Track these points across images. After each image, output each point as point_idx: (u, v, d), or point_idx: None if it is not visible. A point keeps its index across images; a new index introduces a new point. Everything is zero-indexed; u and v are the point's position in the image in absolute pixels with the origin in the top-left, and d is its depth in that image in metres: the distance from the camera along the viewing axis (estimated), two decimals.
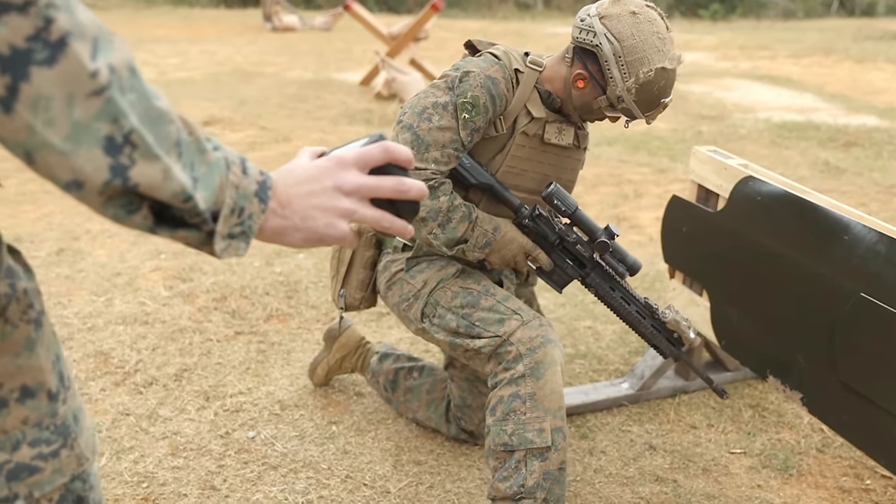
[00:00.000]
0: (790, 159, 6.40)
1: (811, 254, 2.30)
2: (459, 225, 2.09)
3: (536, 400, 2.05)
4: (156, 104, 0.77)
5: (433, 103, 2.08)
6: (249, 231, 0.87)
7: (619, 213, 5.03)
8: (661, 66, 2.04)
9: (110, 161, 0.74)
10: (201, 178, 0.81)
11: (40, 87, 0.69)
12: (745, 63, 12.34)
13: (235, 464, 2.47)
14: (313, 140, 6.44)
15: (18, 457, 0.88)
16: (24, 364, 0.88)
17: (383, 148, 0.95)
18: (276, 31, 14.47)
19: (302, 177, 0.93)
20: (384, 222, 0.96)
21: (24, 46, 0.68)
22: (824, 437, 2.73)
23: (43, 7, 0.69)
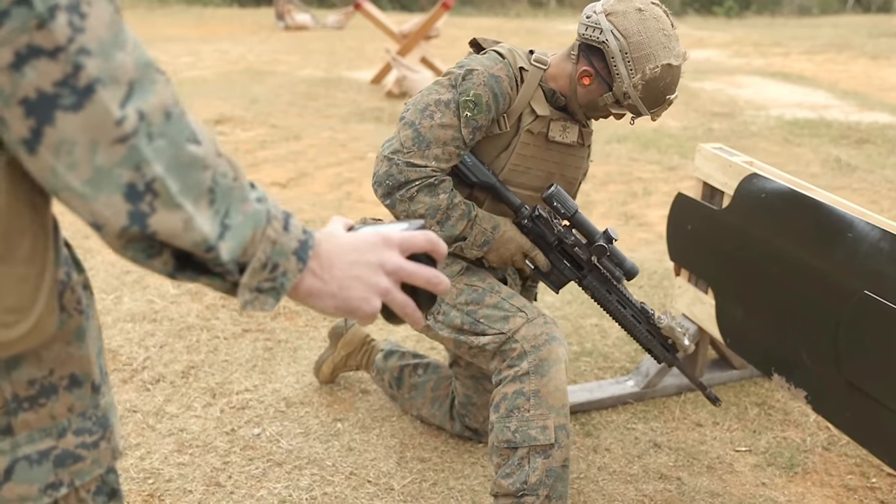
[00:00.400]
0: (801, 156, 6.36)
1: (815, 251, 2.29)
2: (458, 223, 2.10)
3: (540, 397, 2.06)
4: (189, 150, 0.77)
5: (436, 101, 2.08)
6: (281, 288, 0.86)
7: (628, 210, 5.02)
8: (666, 62, 2.05)
9: (130, 208, 0.74)
10: (234, 226, 0.80)
11: (64, 132, 0.71)
12: (758, 60, 12.28)
13: (240, 460, 2.48)
14: (323, 138, 6.45)
15: (64, 444, 0.89)
16: (75, 353, 0.90)
17: (427, 238, 0.96)
18: (288, 30, 14.49)
19: (348, 245, 0.92)
20: (407, 309, 0.95)
21: (52, 91, 0.70)
22: (830, 436, 2.72)
23: (73, 53, 0.69)
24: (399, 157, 2.06)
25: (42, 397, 0.87)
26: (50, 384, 0.88)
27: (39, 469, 0.87)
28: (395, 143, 2.08)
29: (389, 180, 2.06)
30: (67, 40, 0.69)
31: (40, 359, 0.87)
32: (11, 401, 0.85)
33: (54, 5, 0.68)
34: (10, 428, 0.85)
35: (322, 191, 5.21)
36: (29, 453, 0.87)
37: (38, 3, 0.68)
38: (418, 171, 2.05)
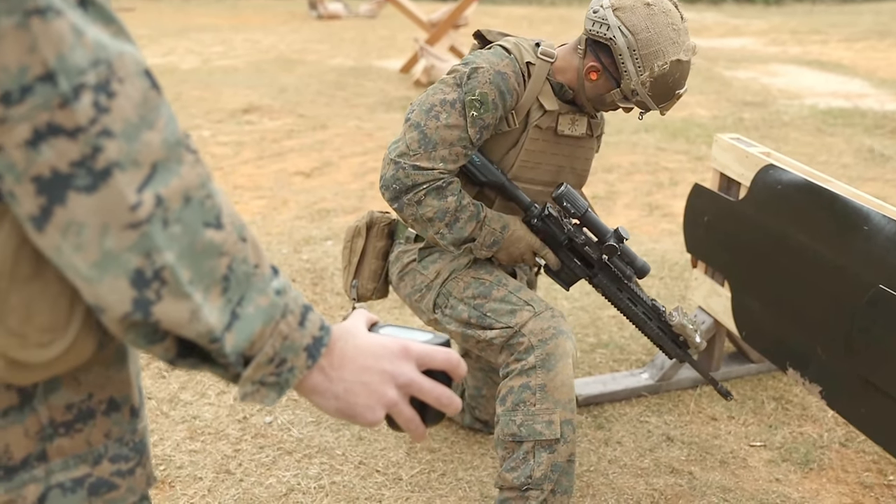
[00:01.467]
0: (834, 146, 6.25)
1: (830, 244, 2.24)
2: (467, 224, 2.07)
3: (546, 391, 2.04)
4: (205, 237, 0.74)
5: (441, 101, 2.04)
6: (285, 384, 0.83)
7: (653, 200, 4.97)
8: (675, 58, 2.01)
9: (135, 294, 0.71)
10: (244, 317, 0.77)
11: (75, 213, 0.68)
12: (794, 48, 12.07)
13: (251, 448, 2.50)
14: (349, 128, 6.46)
15: (99, 471, 0.87)
16: (115, 376, 0.88)
17: (447, 358, 0.91)
18: (321, 19, 14.53)
19: (365, 349, 0.88)
20: (412, 425, 0.91)
21: (67, 171, 0.67)
22: (848, 432, 2.68)
23: (94, 135, 0.67)
24: (405, 160, 2.02)
25: (79, 423, 0.85)
26: (88, 409, 0.85)
27: (73, 497, 0.85)
28: (402, 146, 2.04)
29: (396, 184, 2.03)
30: (90, 121, 0.67)
31: (79, 382, 0.84)
32: (48, 426, 0.83)
33: (80, 85, 0.66)
34: (44, 454, 0.83)
35: (346, 180, 5.22)
36: (63, 481, 0.84)
37: (62, 81, 0.66)
38: (425, 174, 2.01)
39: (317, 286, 3.59)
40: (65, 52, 0.66)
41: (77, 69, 0.66)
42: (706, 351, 2.91)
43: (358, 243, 2.36)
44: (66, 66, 0.66)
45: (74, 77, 0.66)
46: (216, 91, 7.58)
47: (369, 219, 2.35)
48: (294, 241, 4.06)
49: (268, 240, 4.10)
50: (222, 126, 6.42)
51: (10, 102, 0.65)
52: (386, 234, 2.36)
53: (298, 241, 4.07)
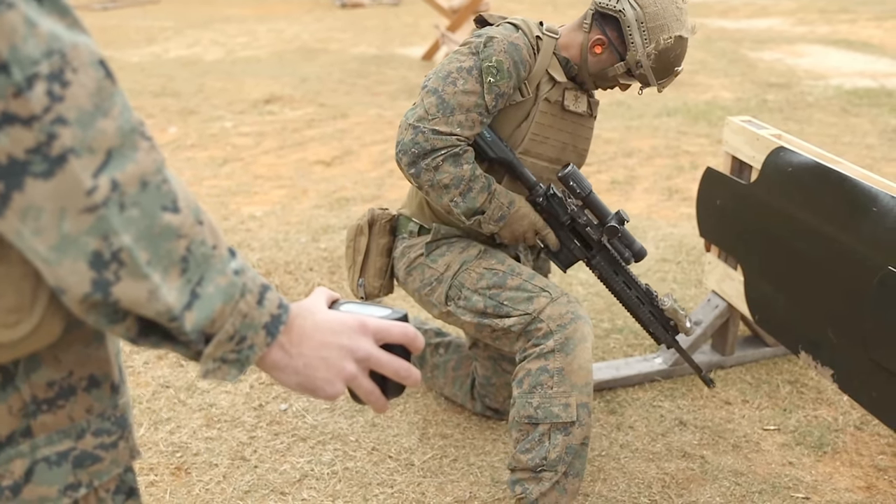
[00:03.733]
0: (858, 127, 6.16)
1: (840, 226, 2.23)
2: (479, 195, 2.10)
3: (564, 375, 2.06)
4: (163, 220, 0.76)
5: (458, 68, 2.10)
6: (245, 360, 0.85)
7: (673, 185, 4.94)
8: (679, 34, 2.11)
9: (94, 275, 0.74)
10: (204, 297, 0.80)
11: (33, 198, 0.70)
12: (823, 27, 11.88)
13: (266, 435, 2.54)
14: (370, 116, 6.48)
15: (83, 445, 0.90)
16: (94, 354, 0.91)
17: (404, 332, 0.95)
18: (344, 8, 14.52)
19: (323, 325, 0.92)
20: (371, 397, 0.94)
21: (23, 158, 0.69)
22: (863, 415, 2.66)
23: (48, 122, 0.70)
24: (424, 124, 2.05)
25: (61, 399, 0.88)
26: (69, 385, 0.88)
27: (59, 470, 0.88)
28: (420, 111, 2.07)
29: (415, 148, 2.05)
30: (44, 109, 0.69)
31: (59, 360, 0.87)
32: (30, 403, 0.86)
33: (33, 74, 0.68)
34: (29, 430, 0.86)
35: (365, 168, 5.24)
36: (48, 455, 0.87)
37: (16, 71, 0.68)
38: (444, 138, 2.05)
39: (334, 275, 3.62)
40: (17, 43, 0.68)
41: (30, 59, 0.69)
42: (720, 335, 2.91)
43: (361, 242, 2.38)
44: (19, 56, 0.68)
45: (28, 67, 0.68)
46: (239, 82, 7.63)
47: (370, 216, 2.37)
48: (312, 230, 4.09)
49: (286, 229, 4.13)
50: (244, 117, 6.46)
51: None
52: (388, 230, 2.37)
53: (317, 230, 4.10)
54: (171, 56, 9.25)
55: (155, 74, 8.04)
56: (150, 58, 9.12)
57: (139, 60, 8.91)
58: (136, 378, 2.82)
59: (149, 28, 11.48)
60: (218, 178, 5.05)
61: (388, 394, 0.97)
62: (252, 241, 3.94)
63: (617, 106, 6.72)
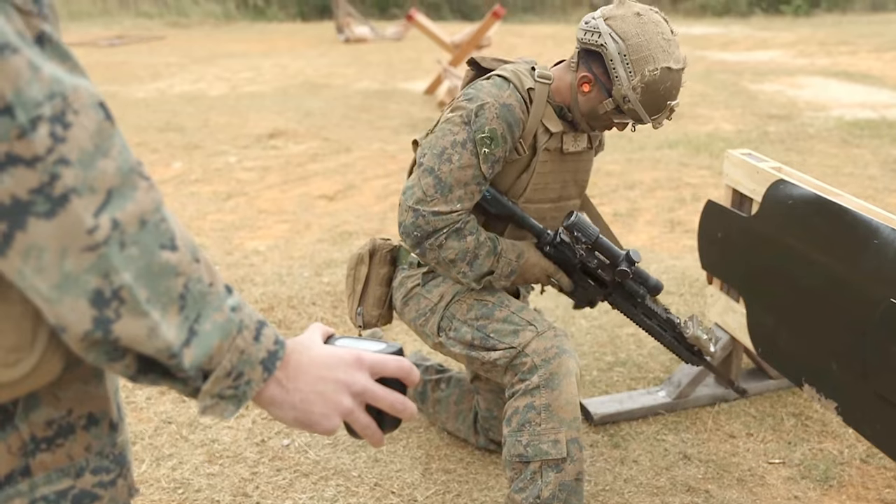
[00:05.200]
0: (860, 158, 6.18)
1: (841, 258, 2.23)
2: (486, 260, 2.11)
3: (551, 411, 2.05)
4: (161, 258, 0.77)
5: (451, 142, 2.05)
6: (243, 396, 0.86)
7: (675, 217, 4.95)
8: (666, 65, 2.02)
9: (95, 313, 0.74)
10: (201, 333, 0.81)
11: (35, 238, 0.71)
12: (823, 59, 11.97)
13: (269, 471, 2.52)
14: (373, 150, 6.52)
15: (81, 483, 0.90)
16: (93, 392, 0.91)
17: (399, 366, 0.96)
18: (348, 43, 14.67)
19: (319, 360, 0.93)
20: (368, 431, 0.95)
21: (26, 198, 0.70)
22: (869, 448, 2.64)
23: (51, 163, 0.71)
24: (423, 206, 2.04)
25: (60, 437, 0.88)
26: (68, 424, 0.89)
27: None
28: (418, 192, 2.05)
29: (417, 231, 2.06)
30: (47, 151, 0.70)
31: (58, 399, 0.87)
32: (30, 442, 0.86)
33: (37, 116, 0.70)
34: (28, 469, 0.86)
35: (368, 202, 5.27)
36: (47, 494, 0.87)
37: (20, 114, 0.69)
38: (444, 218, 2.04)
39: (336, 309, 3.62)
40: (21, 86, 0.69)
41: (34, 102, 0.70)
42: (724, 367, 2.89)
43: (361, 271, 2.39)
44: (23, 99, 0.69)
45: (31, 110, 0.70)
46: (243, 116, 7.69)
47: (372, 246, 2.38)
48: (315, 265, 4.10)
49: (290, 263, 4.14)
50: (248, 151, 6.50)
51: None
52: (388, 260, 2.38)
53: (320, 264, 4.11)
54: (176, 91, 9.33)
55: (160, 110, 8.11)
56: (155, 93, 9.20)
57: (144, 96, 8.99)
58: (139, 414, 2.81)
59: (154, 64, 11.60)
60: (222, 212, 5.07)
61: (385, 428, 0.97)
62: (255, 276, 3.95)
63: (618, 138, 6.75)
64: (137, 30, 16.98)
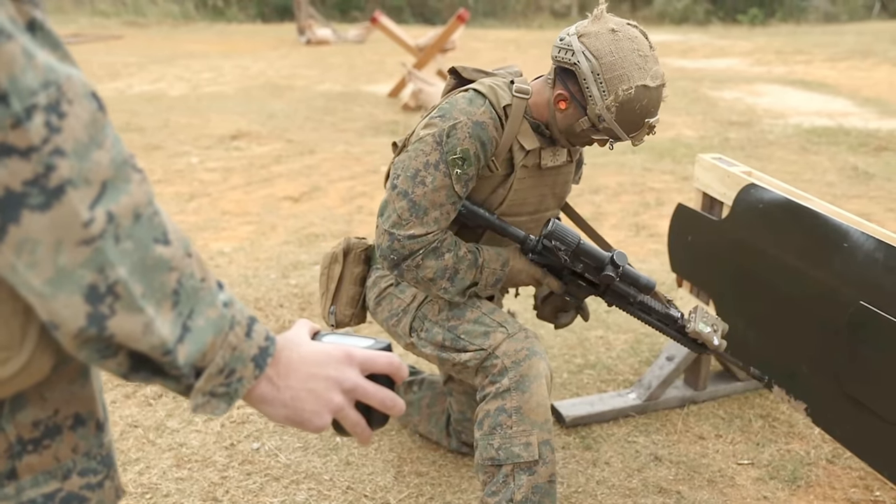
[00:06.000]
0: (818, 165, 6.30)
1: (812, 261, 2.26)
2: (467, 273, 2.08)
3: (522, 413, 2.04)
4: (156, 252, 0.75)
5: (424, 163, 2.02)
6: (234, 394, 0.85)
7: (640, 221, 5.00)
8: (641, 83, 1.94)
9: (89, 309, 0.72)
10: (195, 330, 0.79)
11: (29, 231, 0.69)
12: (779, 68, 12.19)
13: (238, 475, 2.49)
14: (337, 152, 6.48)
15: (69, 486, 0.88)
16: (79, 392, 0.89)
17: (389, 362, 0.95)
18: (309, 45, 14.60)
19: (309, 357, 0.91)
20: (358, 428, 0.94)
21: (20, 190, 0.68)
22: (835, 448, 2.68)
23: (46, 154, 0.68)
24: (398, 230, 2.02)
25: (46, 439, 0.86)
26: (55, 425, 0.86)
27: None
28: (393, 216, 2.03)
29: (394, 255, 2.04)
30: (42, 141, 0.68)
31: (44, 399, 0.85)
32: (16, 444, 0.84)
33: (32, 105, 0.67)
34: (14, 472, 0.84)
35: (334, 205, 5.23)
36: (34, 497, 0.85)
37: (15, 102, 0.67)
38: (420, 240, 2.02)
39: (304, 311, 3.59)
40: (17, 73, 0.67)
41: (29, 90, 0.68)
42: (692, 370, 2.92)
43: (335, 269, 2.36)
44: (18, 87, 0.67)
45: (26, 98, 0.67)
46: (205, 117, 7.60)
47: (346, 245, 2.36)
48: (282, 267, 4.06)
49: (256, 265, 4.10)
50: (211, 152, 6.43)
51: None
52: (363, 259, 2.36)
53: (286, 266, 4.08)
54: (136, 91, 9.20)
55: (119, 110, 7.98)
56: (113, 93, 9.06)
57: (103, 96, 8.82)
58: None
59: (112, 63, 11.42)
60: (185, 213, 5.00)
61: (373, 425, 0.97)
62: (221, 278, 3.88)
63: None
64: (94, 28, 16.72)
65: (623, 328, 3.49)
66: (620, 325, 3.52)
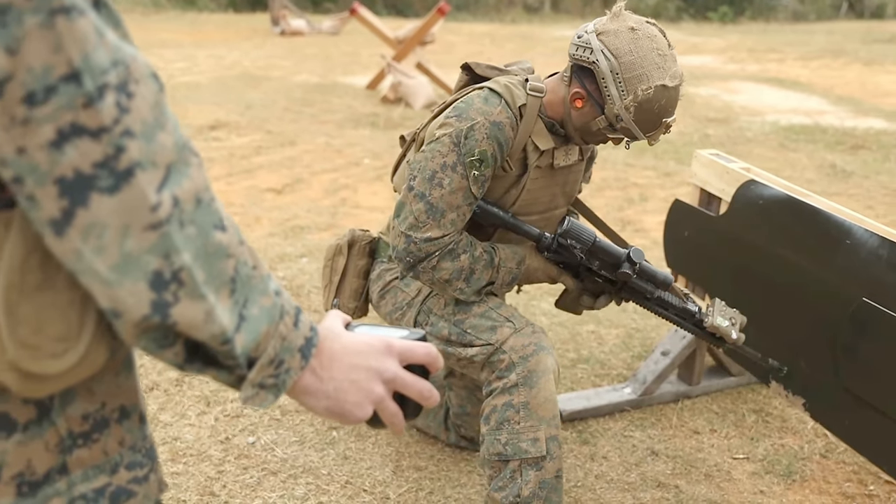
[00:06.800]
0: (797, 162, 6.36)
1: (813, 258, 2.28)
2: (483, 274, 2.07)
3: (530, 409, 2.03)
4: (215, 238, 0.74)
5: (441, 165, 1.99)
6: (282, 385, 0.83)
7: (624, 216, 5.02)
8: (661, 83, 1.92)
9: (153, 297, 0.71)
10: (250, 319, 0.78)
11: (97, 215, 0.67)
12: (753, 66, 12.30)
13: (235, 469, 2.46)
14: (318, 144, 6.44)
15: (117, 480, 0.86)
16: (124, 384, 0.87)
17: (427, 352, 0.94)
18: (283, 35, 14.47)
19: (350, 347, 0.89)
20: (395, 419, 0.92)
21: (90, 172, 0.66)
22: (828, 443, 2.71)
23: (117, 135, 0.66)
24: (415, 233, 2.00)
25: (95, 432, 0.84)
26: (102, 418, 0.85)
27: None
28: (410, 218, 2.01)
29: (410, 257, 2.02)
30: (113, 121, 0.66)
31: (92, 392, 0.83)
32: (67, 438, 0.82)
33: (104, 84, 0.66)
34: (65, 467, 0.82)
35: (317, 197, 5.20)
36: (85, 492, 0.83)
37: (87, 80, 0.65)
38: (436, 243, 2.00)
39: None
40: (89, 51, 0.65)
41: (100, 69, 0.66)
42: (686, 365, 2.94)
43: (339, 262, 2.34)
44: (91, 65, 0.65)
45: (99, 77, 0.66)
46: (182, 107, 7.50)
47: (350, 237, 2.34)
48: (269, 259, 4.02)
49: None
50: None
51: (34, 103, 0.64)
52: (367, 252, 2.35)
53: (273, 258, 4.04)
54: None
55: None
56: None
57: None
58: None
59: None
60: None
61: (407, 416, 0.95)
62: None
63: None
64: None
65: (614, 323, 3.50)
66: (612, 319, 3.53)
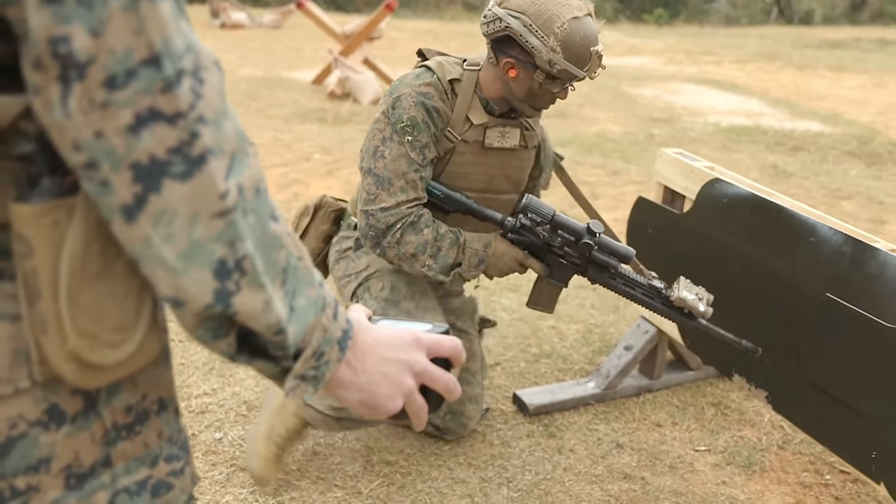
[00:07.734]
0: (741, 162, 6.52)
1: (777, 255, 2.34)
2: (449, 251, 2.14)
3: None
4: (271, 228, 0.74)
5: (382, 139, 2.14)
6: (321, 377, 0.83)
7: (578, 214, 5.07)
8: (571, 16, 2.06)
9: (217, 285, 0.71)
10: (298, 309, 0.78)
11: (169, 201, 0.67)
12: (691, 68, 12.55)
13: (203, 465, 2.43)
14: (267, 138, 6.37)
15: (157, 472, 0.85)
16: (161, 375, 0.86)
17: (453, 345, 0.95)
18: (224, 28, 14.25)
19: (381, 340, 0.90)
20: (421, 412, 0.93)
21: (164, 158, 0.66)
22: (785, 434, 2.79)
23: (192, 121, 0.66)
24: (370, 206, 2.12)
25: (137, 425, 0.83)
26: (143, 410, 0.84)
27: (139, 500, 0.83)
28: (364, 194, 2.14)
29: (372, 231, 2.12)
30: (189, 107, 0.66)
31: (135, 383, 0.82)
32: (111, 430, 0.81)
33: (181, 69, 0.65)
34: (108, 459, 0.81)
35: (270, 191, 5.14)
36: (128, 485, 0.82)
37: (167, 65, 0.64)
38: (394, 213, 2.09)
39: None
40: (169, 35, 0.65)
41: (178, 54, 0.66)
42: (648, 359, 2.99)
43: (303, 221, 2.46)
44: (171, 50, 0.65)
45: (177, 61, 0.65)
46: None
47: (319, 201, 2.44)
48: None
49: None
50: None
51: (114, 86, 0.63)
52: (332, 219, 2.45)
53: None
54: None
55: None
56: None
57: None
58: None
59: None
60: None
61: (430, 409, 0.96)
62: None
63: None
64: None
65: (574, 318, 3.55)
66: (571, 315, 3.57)
